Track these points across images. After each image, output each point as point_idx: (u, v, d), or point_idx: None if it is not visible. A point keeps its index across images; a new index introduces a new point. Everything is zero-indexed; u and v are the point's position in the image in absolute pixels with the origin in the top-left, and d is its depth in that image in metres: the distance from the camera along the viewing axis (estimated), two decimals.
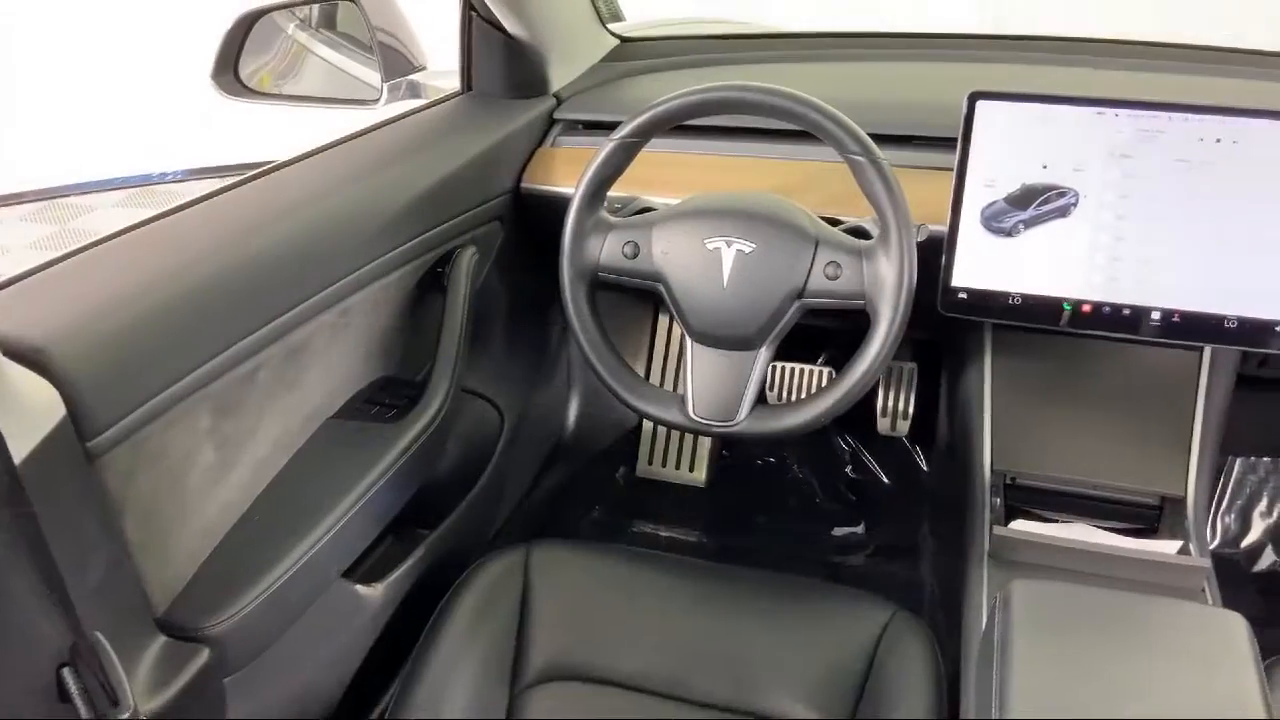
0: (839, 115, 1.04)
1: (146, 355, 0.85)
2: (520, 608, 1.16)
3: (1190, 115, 1.08)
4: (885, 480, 1.92)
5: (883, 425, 1.77)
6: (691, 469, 1.94)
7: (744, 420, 1.10)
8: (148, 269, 0.90)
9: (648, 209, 1.20)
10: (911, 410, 1.72)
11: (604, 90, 1.53)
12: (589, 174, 1.11)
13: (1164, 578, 1.08)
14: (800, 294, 1.07)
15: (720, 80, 1.08)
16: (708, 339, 1.11)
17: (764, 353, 1.11)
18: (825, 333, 1.69)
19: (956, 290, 1.17)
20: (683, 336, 1.14)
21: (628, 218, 1.15)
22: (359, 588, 1.15)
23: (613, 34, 1.67)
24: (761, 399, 1.13)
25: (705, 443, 1.93)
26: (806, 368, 1.73)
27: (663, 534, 1.83)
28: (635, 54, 1.65)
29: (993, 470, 1.27)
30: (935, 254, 1.16)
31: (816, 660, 1.09)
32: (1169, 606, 0.88)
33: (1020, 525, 1.20)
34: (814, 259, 1.06)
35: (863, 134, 1.04)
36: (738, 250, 1.07)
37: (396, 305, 1.23)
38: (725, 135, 1.35)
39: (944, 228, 1.16)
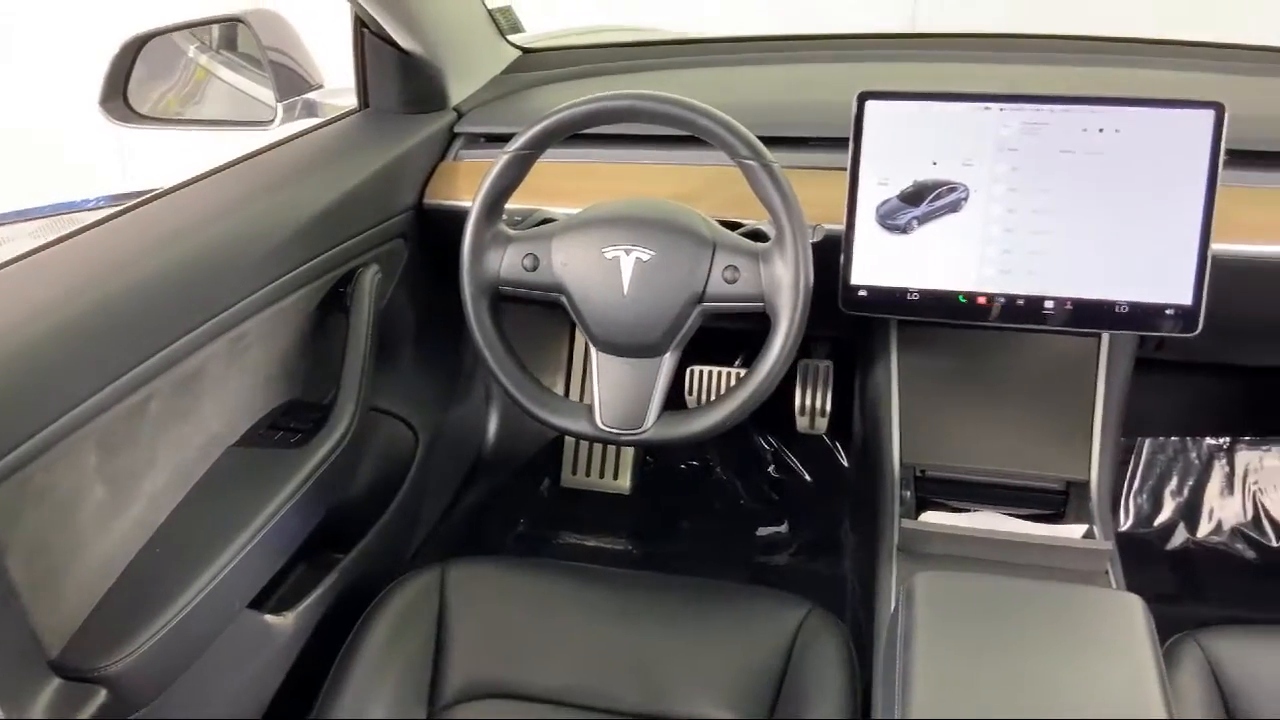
0: (729, 120, 1.05)
1: (24, 392, 0.82)
2: (437, 628, 1.15)
3: (1073, 106, 1.10)
4: (808, 478, 1.93)
5: (802, 424, 1.78)
6: (616, 477, 1.93)
7: (652, 427, 1.10)
8: (22, 304, 0.88)
9: (549, 220, 1.19)
10: (829, 407, 1.73)
11: (506, 102, 1.52)
12: (484, 188, 1.10)
13: (1068, 562, 1.10)
14: (700, 298, 1.07)
15: (619, 88, 1.08)
16: (612, 347, 1.11)
17: (669, 359, 1.11)
18: (745, 334, 1.70)
19: (856, 288, 1.18)
20: (587, 346, 1.14)
21: (527, 230, 1.15)
22: (268, 618, 1.13)
23: (514, 45, 1.67)
24: (673, 404, 1.13)
25: (628, 450, 1.93)
26: (725, 370, 1.74)
27: (589, 544, 1.83)
28: (537, 64, 1.65)
29: (902, 464, 1.29)
30: (834, 253, 1.18)
31: (734, 662, 1.10)
32: (1068, 592, 0.89)
33: (931, 517, 1.21)
34: (712, 263, 1.07)
35: (753, 138, 1.04)
36: (636, 258, 1.07)
37: (298, 328, 1.21)
38: (626, 143, 1.35)
39: (841, 227, 1.17)
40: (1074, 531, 1.17)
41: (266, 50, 1.39)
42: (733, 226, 1.18)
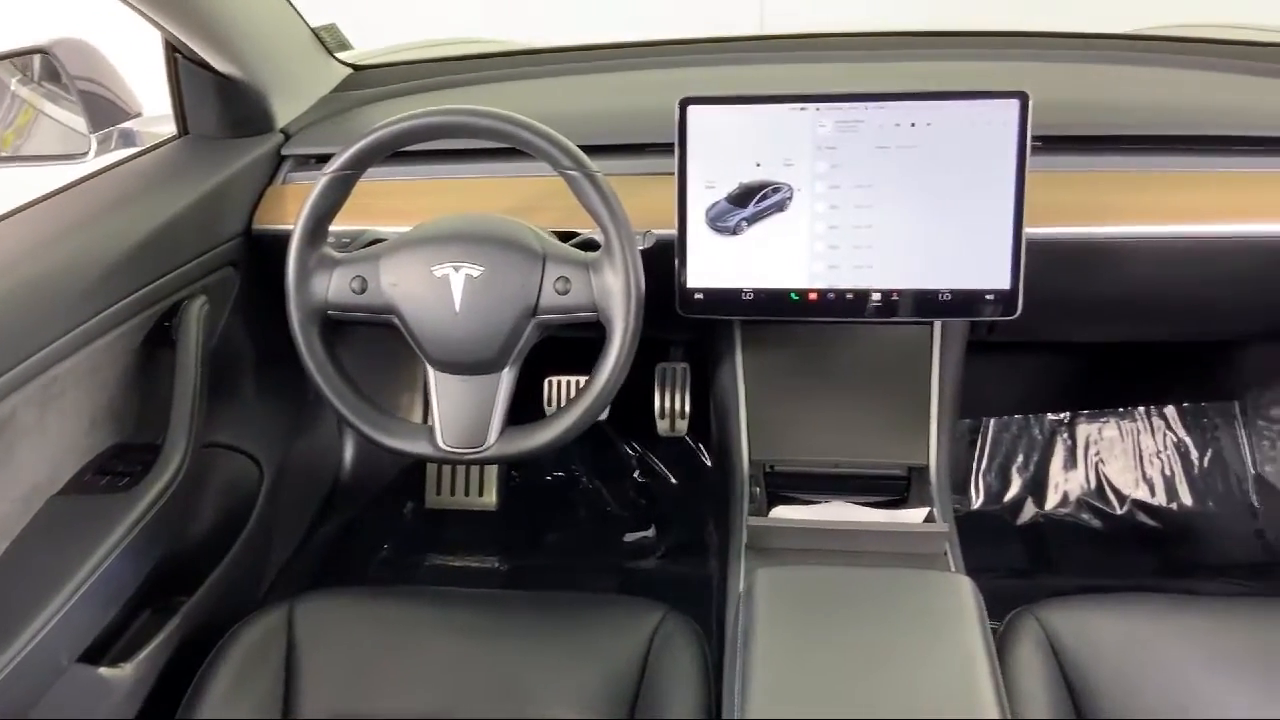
0: (549, 132, 1.04)
1: None
2: (285, 669, 1.11)
3: (884, 103, 1.13)
4: (673, 480, 1.95)
5: (662, 427, 1.78)
6: (481, 494, 1.92)
7: (494, 444, 1.09)
8: None
9: (379, 241, 1.17)
10: (688, 409, 1.74)
11: (335, 122, 1.49)
12: (304, 212, 1.07)
13: (909, 546, 1.13)
14: (534, 312, 1.07)
15: (448, 103, 1.07)
16: (448, 366, 1.10)
17: (508, 374, 1.10)
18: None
19: (693, 291, 1.20)
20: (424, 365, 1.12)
21: (355, 252, 1.12)
22: (102, 671, 1.08)
23: (344, 63, 1.64)
24: (533, 416, 1.12)
25: (493, 466, 1.91)
26: (583, 378, 1.74)
27: (455, 564, 1.80)
28: (368, 81, 1.62)
29: (751, 461, 1.30)
30: (670, 258, 1.19)
31: (591, 671, 1.09)
32: (901, 577, 0.92)
33: (782, 511, 1.23)
34: (543, 276, 1.06)
35: (574, 149, 1.04)
36: (466, 274, 1.06)
37: (121, 367, 1.16)
38: (458, 158, 1.34)
39: (673, 232, 1.18)
40: (916, 515, 1.20)
41: (76, 80, 1.33)
42: (568, 237, 1.18)
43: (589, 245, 1.13)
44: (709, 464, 1.91)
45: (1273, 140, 1.26)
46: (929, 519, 1.19)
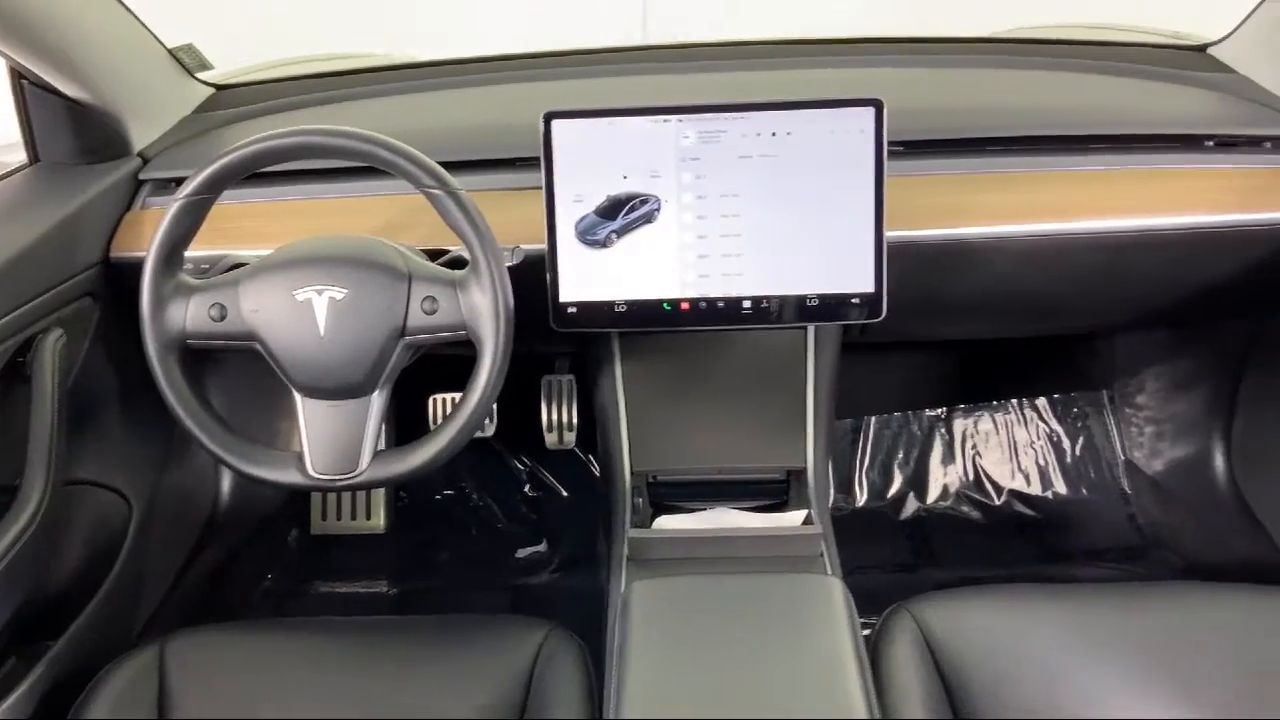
0: (408, 150, 1.03)
1: None
2: (158, 711, 1.07)
3: (744, 113, 1.14)
4: (564, 493, 1.94)
5: (550, 440, 1.78)
6: (369, 517, 1.88)
7: (367, 469, 1.07)
8: None
9: (240, 265, 1.14)
10: (576, 421, 1.74)
11: (196, 143, 1.45)
12: (157, 239, 1.04)
13: (786, 549, 1.14)
14: (402, 333, 1.05)
15: (313, 122, 1.05)
16: (316, 391, 1.07)
17: (378, 398, 1.08)
18: None
19: (566, 305, 1.19)
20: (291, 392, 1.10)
21: (214, 278, 1.09)
22: None
23: (205, 83, 1.60)
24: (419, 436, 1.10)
25: (380, 489, 1.88)
26: None
27: (343, 591, 1.77)
28: (233, 101, 1.58)
29: (634, 472, 1.31)
30: (543, 272, 1.18)
31: (476, 694, 1.08)
32: (772, 582, 0.93)
33: (664, 521, 1.24)
34: (409, 296, 1.05)
35: (435, 166, 1.03)
36: (330, 298, 1.04)
37: None
38: (322, 177, 1.31)
39: (544, 246, 1.18)
40: (795, 518, 1.22)
41: None
42: (438, 255, 1.16)
43: (458, 263, 1.12)
44: (600, 475, 1.91)
45: (1123, 138, 1.32)
46: (807, 521, 1.21)
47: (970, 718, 1.00)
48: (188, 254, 1.09)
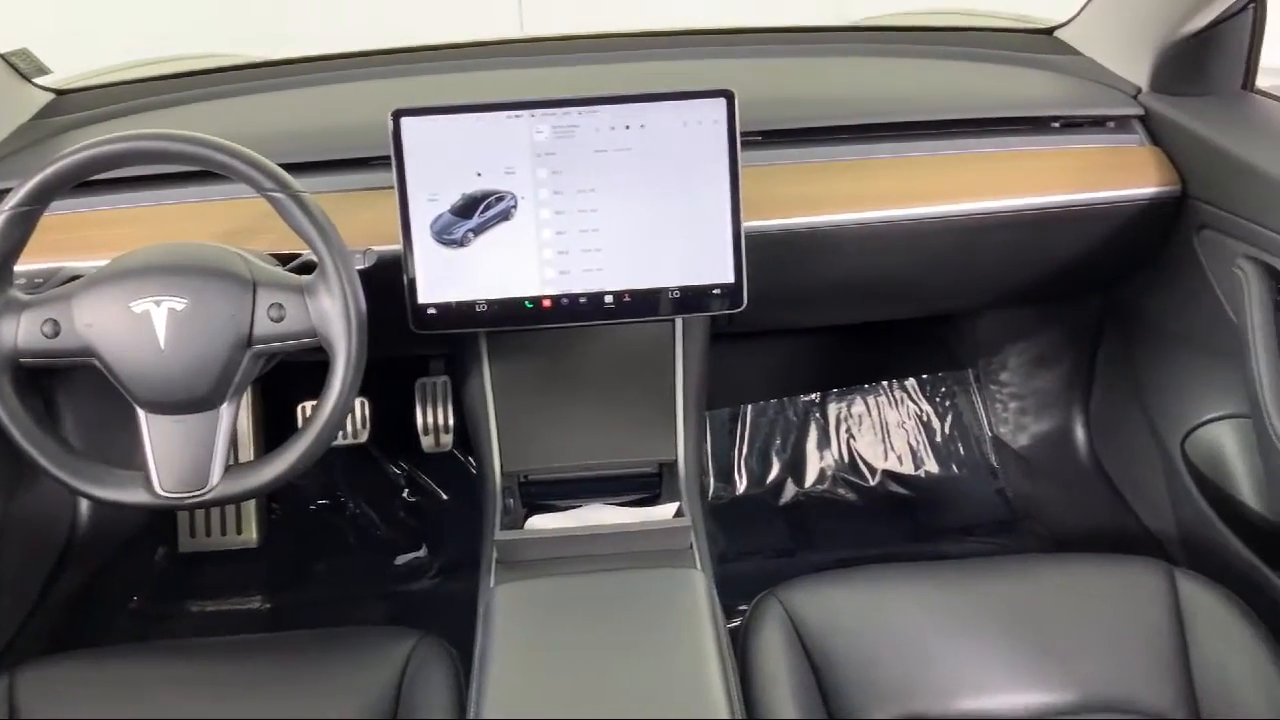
0: (245, 152, 0.99)
1: None
2: None
3: (597, 107, 1.13)
4: (444, 497, 1.91)
5: (427, 444, 1.75)
6: (240, 531, 1.82)
7: (217, 485, 1.03)
8: None
9: (76, 278, 1.09)
10: (452, 422, 1.72)
11: (35, 151, 1.38)
12: None
13: (657, 543, 1.14)
14: (249, 342, 1.01)
15: (157, 125, 1.00)
16: (160, 406, 1.03)
17: (227, 410, 1.04)
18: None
19: (425, 307, 1.17)
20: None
21: (46, 293, 1.04)
22: None
23: (45, 88, 1.52)
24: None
25: (251, 500, 1.82)
26: None
27: (214, 609, 1.71)
28: (73, 106, 1.51)
29: (504, 472, 1.29)
30: (399, 274, 1.16)
31: (343, 708, 1.05)
32: (636, 578, 0.92)
33: (537, 520, 1.23)
34: (254, 303, 1.01)
35: (274, 168, 1.00)
36: (169, 308, 0.99)
37: None
38: (166, 182, 1.26)
39: (399, 248, 1.15)
40: (668, 511, 1.22)
41: None
42: (288, 260, 1.13)
43: (308, 268, 1.09)
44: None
45: (973, 121, 1.35)
46: (679, 513, 1.21)
47: (837, 700, 1.01)
48: (19, 268, 1.03)
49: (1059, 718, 1.02)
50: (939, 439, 1.92)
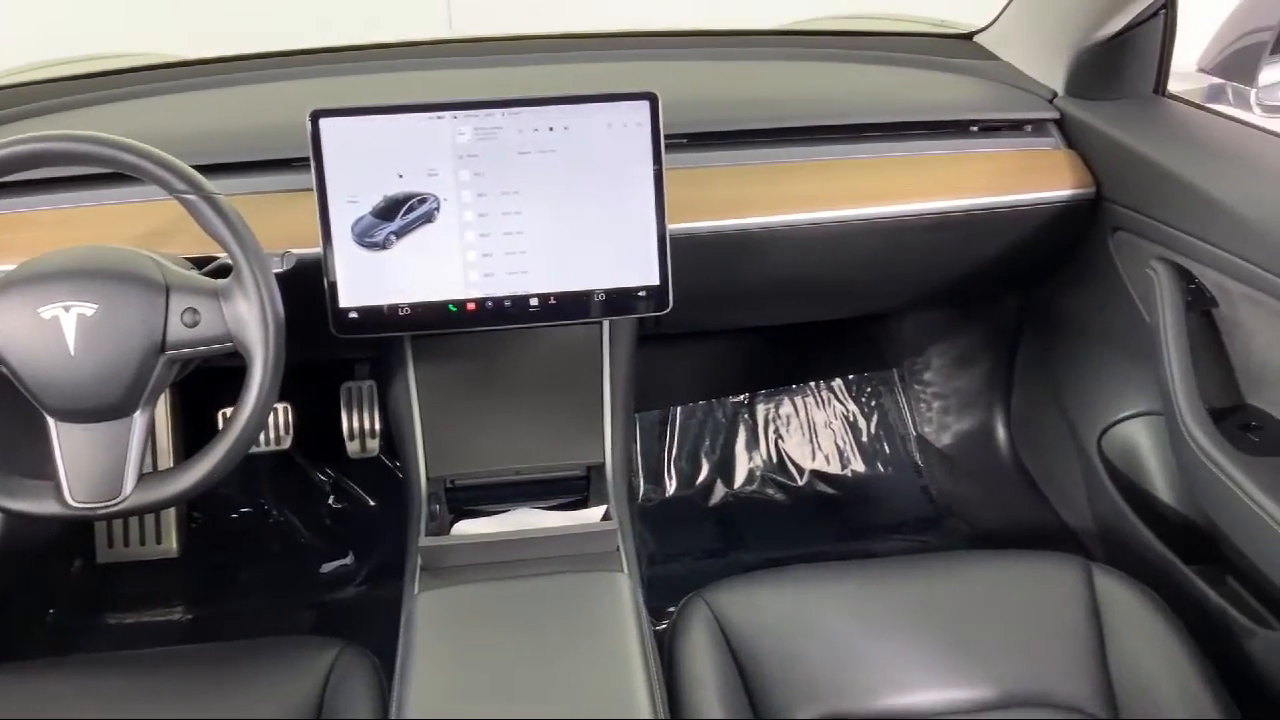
0: (156, 153, 0.97)
1: None
2: None
3: (520, 109, 1.13)
4: (371, 503, 1.89)
5: (352, 449, 1.73)
6: (160, 541, 1.78)
7: (131, 494, 1.01)
8: None
9: None
10: (379, 427, 1.70)
11: None
12: None
13: (583, 547, 1.13)
14: (162, 348, 0.99)
15: (75, 126, 0.98)
16: (71, 415, 1.00)
17: (140, 418, 1.01)
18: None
19: (347, 311, 1.15)
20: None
21: None
22: None
23: None
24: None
25: (170, 509, 1.78)
26: (275, 407, 1.66)
27: (134, 621, 1.67)
28: None
29: (430, 478, 1.28)
30: (320, 277, 1.14)
31: None
32: (560, 583, 0.92)
33: (463, 526, 1.21)
34: (168, 308, 0.99)
35: (186, 169, 0.98)
36: (79, 314, 0.97)
37: None
38: (81, 184, 1.23)
39: (319, 250, 1.13)
40: (594, 514, 1.22)
41: None
42: (204, 263, 1.10)
43: (224, 271, 1.06)
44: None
45: (895, 126, 1.37)
46: (606, 516, 1.21)
47: (763, 700, 1.02)
48: None
49: (979, 713, 1.04)
50: (865, 438, 1.94)
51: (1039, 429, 1.72)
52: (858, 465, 1.93)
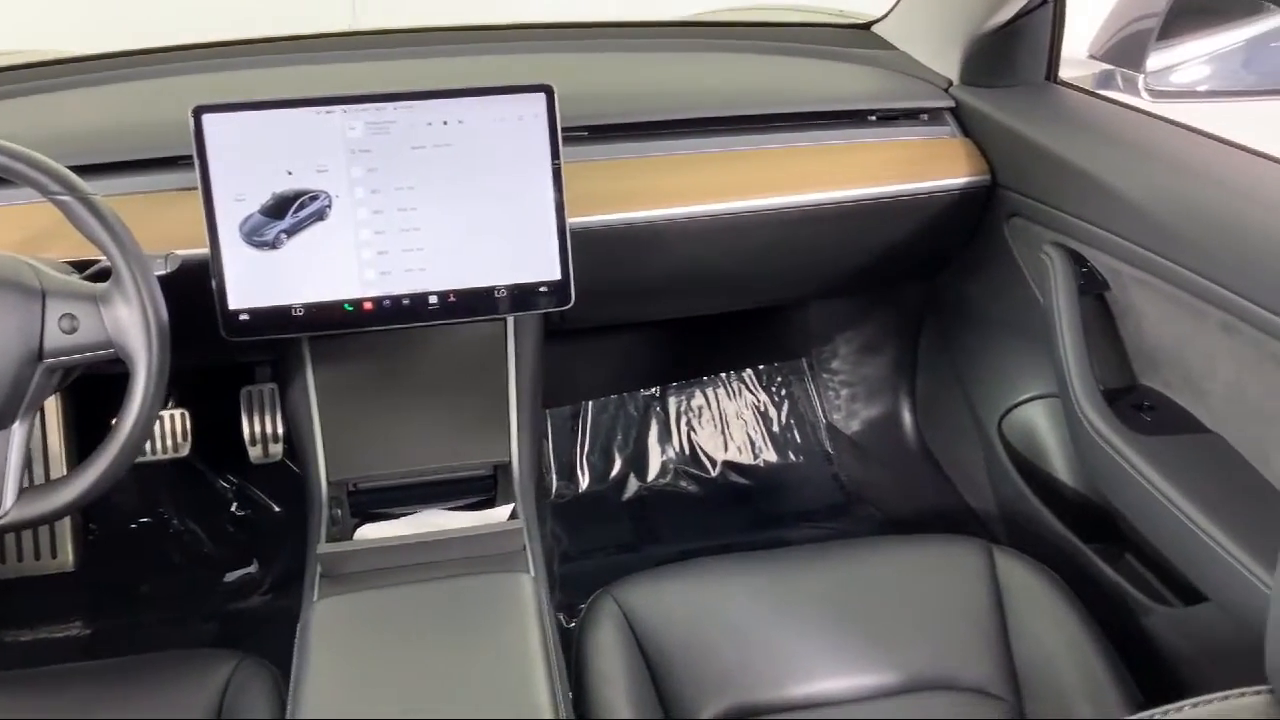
0: (27, 153, 0.93)
1: None
2: None
3: (413, 102, 1.10)
4: (276, 508, 1.84)
5: (254, 454, 1.68)
6: (55, 555, 1.71)
7: (9, 510, 0.96)
8: None
9: None
10: (282, 431, 1.66)
11: None
12: None
13: (489, 547, 1.12)
14: (40, 356, 0.95)
15: None
16: None
17: (19, 429, 0.97)
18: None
19: (237, 313, 1.12)
20: None
21: None
22: None
23: None
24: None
25: (65, 521, 1.71)
26: (169, 413, 1.63)
27: (28, 639, 1.61)
28: None
29: (331, 482, 1.25)
30: (208, 278, 1.10)
31: None
32: (461, 586, 0.90)
33: (367, 530, 1.19)
34: (44, 314, 0.94)
35: (59, 170, 0.94)
36: None
37: None
38: None
39: (206, 251, 1.10)
40: (501, 514, 1.20)
41: None
42: (85, 267, 1.06)
43: (105, 275, 1.02)
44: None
45: (794, 116, 1.37)
46: (513, 515, 1.19)
47: (672, 695, 1.02)
48: None
49: (885, 699, 1.05)
50: (776, 428, 1.95)
51: (943, 414, 1.75)
52: (769, 455, 1.93)
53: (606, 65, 1.50)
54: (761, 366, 1.97)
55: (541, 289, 1.16)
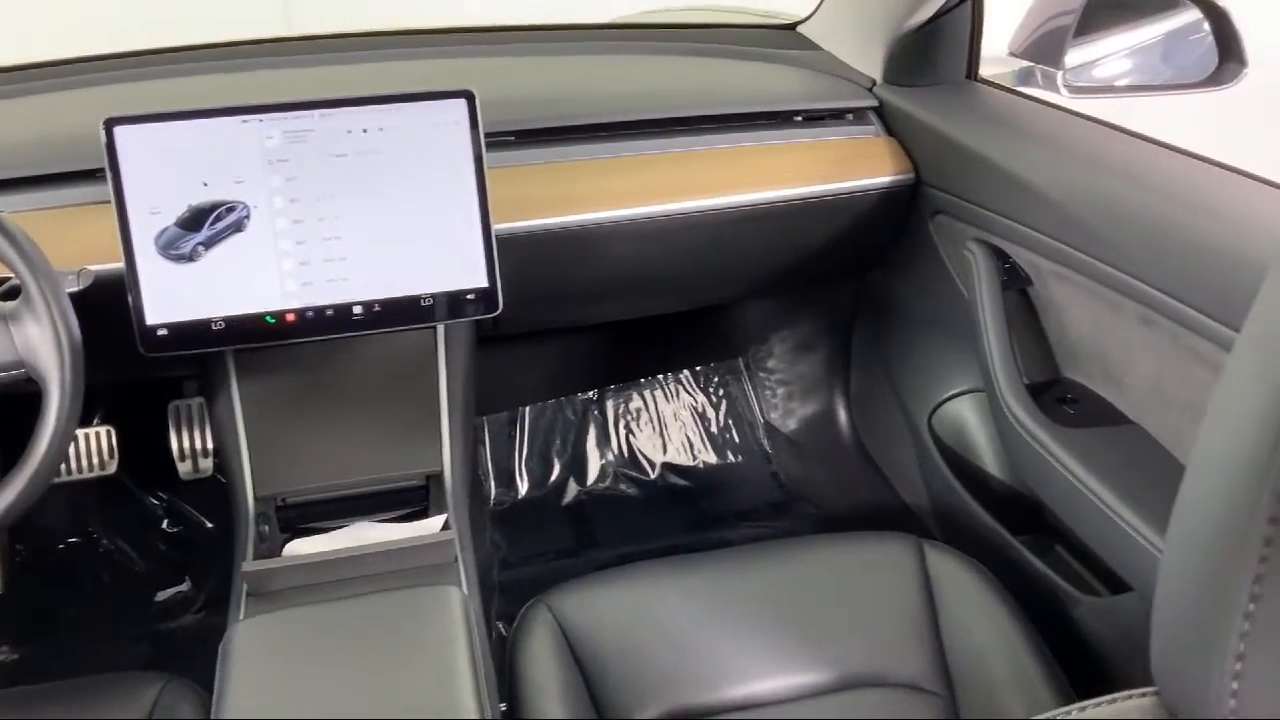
0: None
1: None
2: None
3: (331, 110, 1.09)
4: (208, 525, 1.81)
5: (184, 470, 1.65)
6: None
7: None
8: None
9: None
10: (211, 445, 1.62)
11: None
12: None
13: (420, 559, 1.10)
14: None
15: None
16: None
17: None
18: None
19: (155, 329, 1.09)
20: None
21: None
22: None
23: None
24: None
25: None
26: (94, 430, 1.58)
27: None
28: None
29: (258, 497, 1.23)
30: (124, 294, 1.08)
31: None
32: (388, 601, 0.89)
33: (296, 545, 1.17)
34: None
35: None
36: None
37: None
38: None
39: (121, 266, 1.07)
40: (434, 525, 1.19)
41: None
42: None
43: (14, 293, 1.00)
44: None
45: (720, 118, 1.37)
46: (446, 526, 1.18)
47: (607, 701, 1.01)
48: None
49: (818, 698, 1.05)
50: (714, 428, 1.95)
51: (876, 410, 1.76)
52: (708, 456, 1.94)
53: (534, 69, 1.49)
54: (699, 367, 1.97)
55: (469, 296, 1.15)
